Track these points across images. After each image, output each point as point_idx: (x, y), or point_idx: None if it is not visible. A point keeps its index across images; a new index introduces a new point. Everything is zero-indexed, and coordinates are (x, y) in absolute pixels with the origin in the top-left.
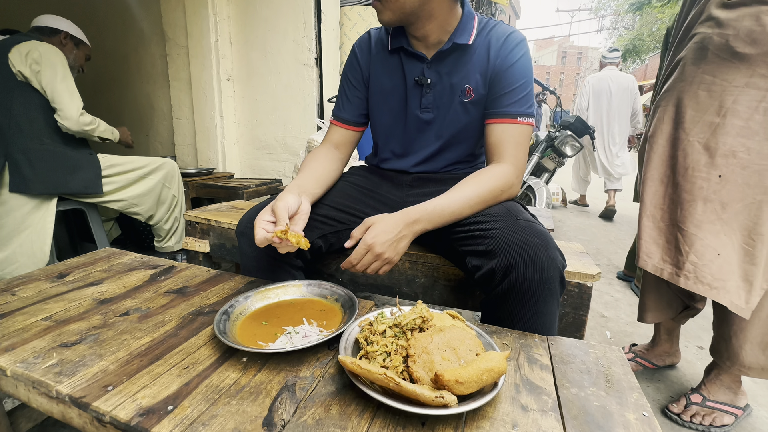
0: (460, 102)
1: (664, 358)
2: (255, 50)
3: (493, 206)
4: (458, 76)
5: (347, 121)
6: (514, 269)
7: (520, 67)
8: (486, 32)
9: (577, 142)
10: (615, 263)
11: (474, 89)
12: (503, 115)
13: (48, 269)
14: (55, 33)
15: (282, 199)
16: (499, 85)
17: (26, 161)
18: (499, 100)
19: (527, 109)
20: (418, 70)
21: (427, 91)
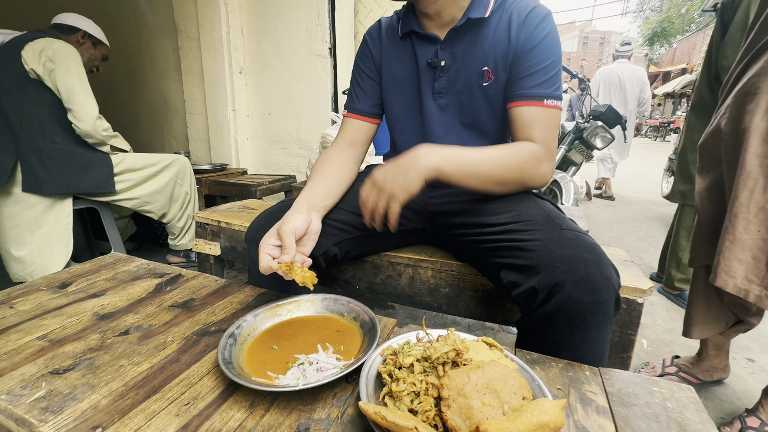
0: (478, 86)
1: (712, 373)
2: (267, 41)
3: (529, 208)
4: (475, 57)
5: (362, 112)
6: (561, 289)
7: (546, 45)
8: (505, 7)
9: (609, 133)
10: (647, 262)
11: (493, 71)
12: (528, 97)
13: (51, 278)
14: (74, 31)
15: (289, 222)
16: (523, 65)
17: (38, 161)
18: (522, 81)
19: (554, 92)
20: (431, 52)
21: (440, 74)
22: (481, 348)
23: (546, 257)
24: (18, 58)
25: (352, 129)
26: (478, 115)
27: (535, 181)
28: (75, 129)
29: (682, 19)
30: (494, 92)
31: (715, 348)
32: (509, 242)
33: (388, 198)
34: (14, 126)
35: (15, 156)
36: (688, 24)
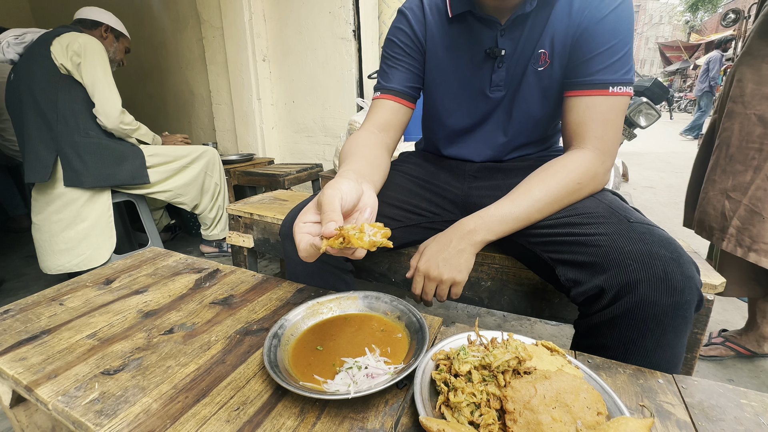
0: (533, 72)
1: (762, 343)
2: (289, 26)
3: (587, 201)
4: (532, 40)
5: (398, 92)
6: (634, 289)
7: (614, 19)
8: None
9: (654, 110)
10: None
11: (550, 54)
12: (589, 84)
13: (96, 273)
14: (97, 26)
15: (333, 186)
16: (586, 46)
17: (75, 155)
18: (584, 65)
19: (624, 76)
20: (490, 39)
21: (499, 65)
22: (542, 353)
23: (614, 253)
24: (48, 55)
25: (385, 112)
26: (529, 106)
27: (588, 193)
28: (99, 123)
29: None
30: (548, 79)
31: (763, 316)
32: (567, 236)
33: (447, 285)
34: (51, 122)
35: (55, 152)
36: None
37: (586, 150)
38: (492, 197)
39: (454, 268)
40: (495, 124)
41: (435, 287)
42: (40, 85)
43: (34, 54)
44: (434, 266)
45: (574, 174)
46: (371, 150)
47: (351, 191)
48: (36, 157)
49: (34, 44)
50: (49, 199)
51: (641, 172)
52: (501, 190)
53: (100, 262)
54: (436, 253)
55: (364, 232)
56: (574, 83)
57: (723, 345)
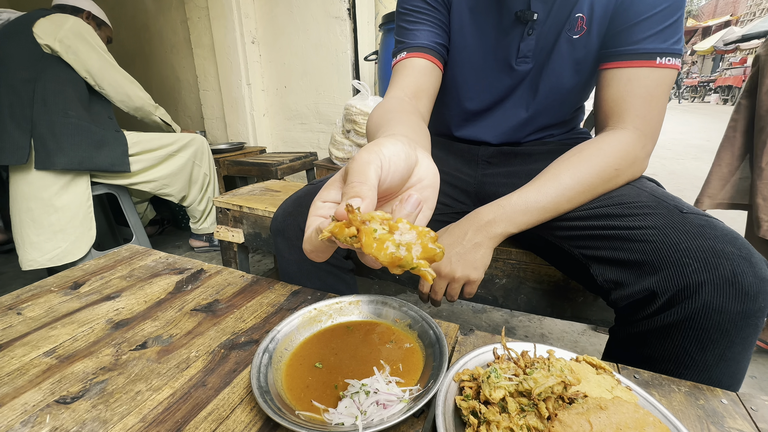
0: (566, 40)
1: None
2: (280, 5)
3: (624, 189)
4: (569, 3)
5: (428, 48)
6: (695, 293)
7: None
8: None
9: None
10: None
11: (588, 20)
12: (633, 54)
13: (63, 276)
14: (78, 12)
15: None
16: (632, 9)
17: (51, 135)
18: (628, 32)
19: (673, 45)
20: (522, 1)
21: (529, 32)
22: (587, 372)
23: (668, 250)
24: (29, 34)
25: (415, 74)
26: (559, 80)
27: (626, 181)
28: (122, 107)
29: None
30: (583, 50)
31: None
32: (605, 230)
33: (464, 283)
34: (26, 102)
35: (29, 132)
36: None
37: (626, 131)
38: (509, 185)
39: (469, 264)
40: (517, 100)
41: (446, 285)
42: (17, 63)
43: (13, 33)
44: (446, 262)
45: (611, 158)
46: (410, 117)
47: (398, 157)
48: (8, 138)
49: (12, 23)
50: (21, 185)
51: None
52: (519, 178)
53: (77, 257)
54: (448, 247)
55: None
56: (616, 53)
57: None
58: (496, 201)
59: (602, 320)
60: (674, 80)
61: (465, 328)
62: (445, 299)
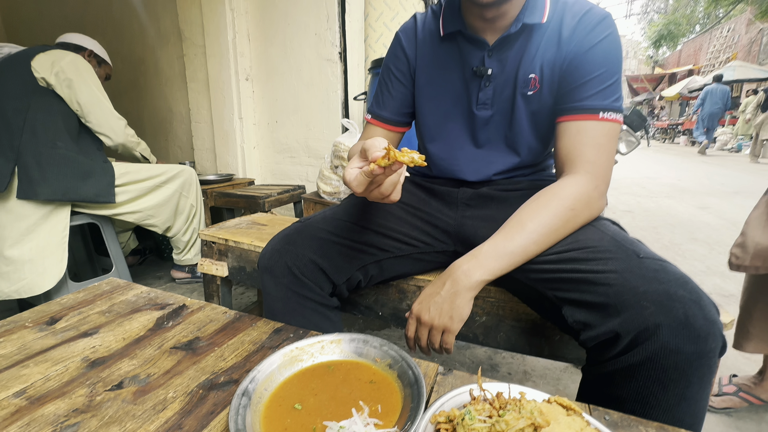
0: (522, 95)
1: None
2: (274, 47)
3: (589, 233)
4: (522, 64)
5: (388, 120)
6: (653, 335)
7: (602, 49)
8: (559, 9)
9: (634, 137)
10: None
11: (540, 79)
12: (580, 110)
13: (39, 311)
14: (80, 50)
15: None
16: (576, 73)
17: (36, 165)
18: (575, 92)
19: (613, 103)
20: (477, 59)
21: (486, 84)
22: (557, 414)
23: (628, 294)
24: (27, 67)
25: (377, 135)
26: (519, 127)
27: (585, 220)
28: (106, 142)
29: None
30: (538, 104)
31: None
32: (571, 273)
33: (442, 332)
34: (15, 131)
35: (13, 162)
36: (694, 25)
37: (579, 175)
38: (486, 228)
39: (446, 313)
40: (485, 143)
41: (427, 333)
42: (10, 94)
43: (11, 65)
44: (425, 310)
45: (567, 201)
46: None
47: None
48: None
49: (13, 56)
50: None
51: (618, 196)
52: (496, 221)
53: (44, 289)
54: (429, 296)
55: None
56: (566, 109)
57: (736, 395)
58: (470, 252)
59: (577, 359)
60: (618, 131)
61: (444, 367)
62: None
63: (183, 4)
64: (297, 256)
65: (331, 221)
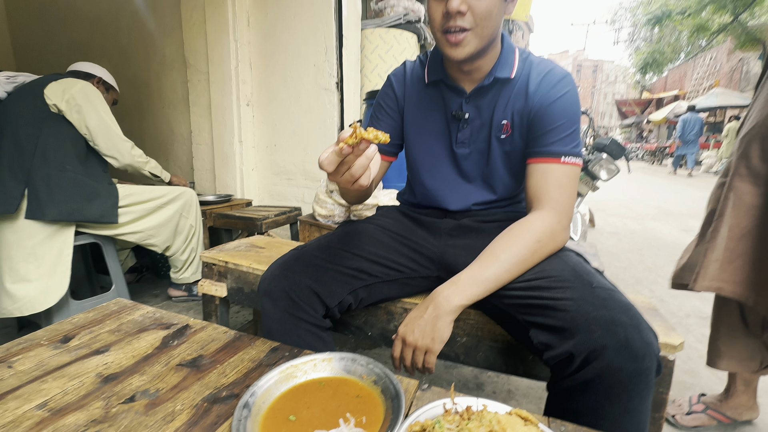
0: (497, 138)
1: (741, 411)
2: (275, 75)
3: (554, 263)
4: (495, 112)
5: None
6: (600, 355)
7: (563, 103)
8: (526, 66)
9: (613, 165)
10: (658, 295)
11: (511, 125)
12: (544, 154)
13: (53, 330)
14: (90, 77)
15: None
16: (541, 123)
17: (45, 187)
18: (540, 138)
19: (573, 149)
20: (456, 104)
21: (463, 126)
22: (515, 424)
23: (581, 319)
24: (41, 94)
25: None
26: (495, 168)
27: (551, 250)
28: (113, 163)
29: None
30: (510, 146)
31: (744, 384)
32: (537, 299)
33: (424, 352)
34: (27, 155)
35: (24, 184)
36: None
37: (544, 210)
38: (466, 256)
39: (428, 335)
40: (465, 177)
41: (411, 353)
42: (24, 120)
43: (26, 93)
44: (410, 332)
45: (535, 234)
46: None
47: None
48: (2, 188)
49: (27, 85)
50: (6, 233)
51: (606, 218)
52: (474, 250)
53: (45, 306)
54: (413, 319)
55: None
56: (533, 152)
57: (704, 413)
58: (450, 279)
59: (547, 377)
60: (578, 173)
61: (423, 384)
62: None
63: (189, 34)
64: (294, 282)
65: (325, 249)
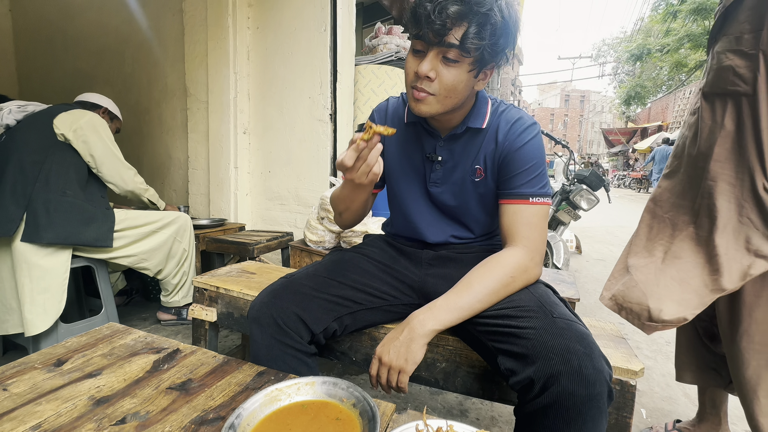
0: (471, 181)
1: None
2: (272, 106)
3: (522, 293)
4: (469, 157)
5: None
6: (556, 381)
7: (529, 148)
8: (497, 116)
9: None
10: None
11: (483, 170)
12: (515, 195)
13: (46, 354)
14: (96, 108)
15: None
16: (510, 166)
17: (44, 211)
18: (510, 181)
19: (540, 190)
20: (431, 146)
21: (437, 166)
22: None
23: (540, 347)
24: (50, 124)
25: None
26: (469, 207)
27: (522, 284)
28: (115, 189)
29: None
30: (484, 188)
31: (712, 405)
32: (504, 327)
33: (397, 372)
34: (30, 180)
35: (24, 208)
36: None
37: (517, 248)
38: (444, 285)
39: (402, 356)
40: (441, 213)
41: (386, 373)
42: (31, 147)
43: (35, 121)
44: (386, 351)
45: (507, 269)
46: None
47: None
48: (3, 211)
49: (37, 114)
50: (2, 254)
51: (592, 244)
52: (453, 279)
53: (41, 329)
54: (390, 340)
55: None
56: (504, 194)
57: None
58: (427, 305)
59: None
60: (547, 212)
61: (399, 408)
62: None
63: (191, 66)
64: (281, 309)
65: (313, 277)
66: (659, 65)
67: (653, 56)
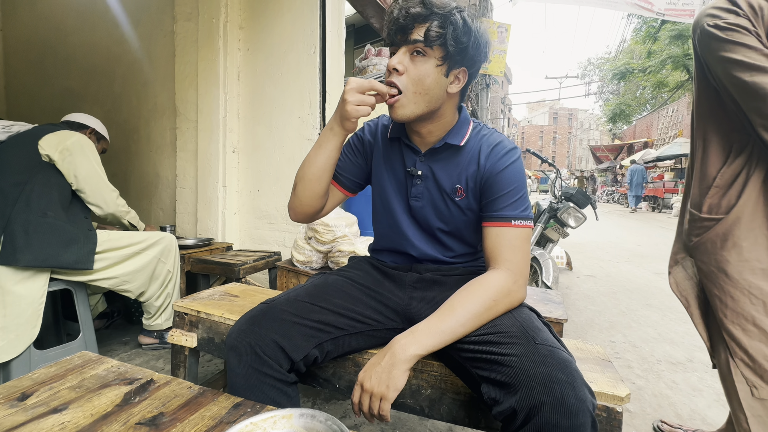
0: (452, 200)
1: None
2: (261, 125)
3: (504, 318)
4: (449, 176)
5: (336, 177)
6: (539, 412)
7: (511, 171)
8: (478, 138)
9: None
10: (631, 340)
11: (465, 189)
12: (497, 218)
13: (11, 386)
14: (83, 128)
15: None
16: (492, 189)
17: (23, 233)
18: (493, 203)
19: (522, 213)
20: (412, 161)
21: (417, 181)
22: None
23: (522, 375)
24: (35, 145)
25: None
26: (451, 223)
27: (506, 308)
28: (96, 211)
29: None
30: (466, 206)
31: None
32: (487, 354)
33: (379, 399)
34: (10, 201)
35: (1, 230)
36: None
37: (500, 270)
38: (428, 309)
39: (383, 382)
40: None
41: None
42: (14, 168)
43: (20, 142)
44: (367, 378)
45: (490, 292)
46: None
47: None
48: None
49: (22, 134)
50: None
51: (583, 260)
52: (437, 303)
53: (12, 356)
54: (372, 365)
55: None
56: (487, 216)
57: None
58: (409, 329)
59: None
60: (529, 234)
61: None
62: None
63: (181, 86)
64: (260, 337)
65: (293, 303)
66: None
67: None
